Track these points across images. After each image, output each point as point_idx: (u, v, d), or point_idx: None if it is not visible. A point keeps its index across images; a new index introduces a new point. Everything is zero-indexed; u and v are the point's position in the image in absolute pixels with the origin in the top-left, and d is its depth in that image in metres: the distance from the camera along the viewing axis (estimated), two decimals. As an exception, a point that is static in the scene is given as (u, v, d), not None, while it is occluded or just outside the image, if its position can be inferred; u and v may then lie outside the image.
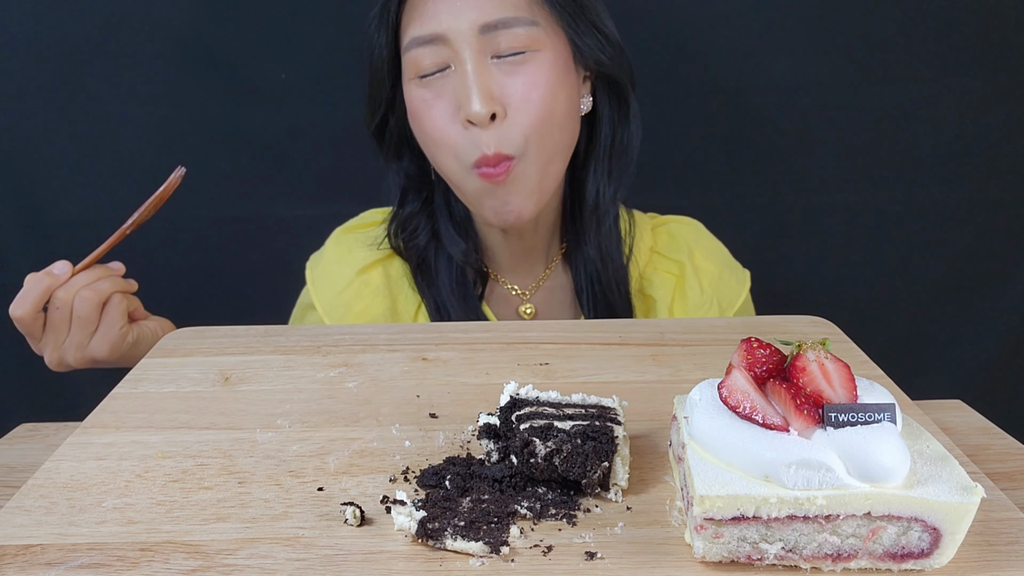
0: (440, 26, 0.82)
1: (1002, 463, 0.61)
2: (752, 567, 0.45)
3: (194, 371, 0.67)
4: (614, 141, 0.93)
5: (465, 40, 0.81)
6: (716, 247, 1.04)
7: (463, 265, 0.95)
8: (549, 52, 0.84)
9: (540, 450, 0.49)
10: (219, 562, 0.45)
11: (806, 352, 0.47)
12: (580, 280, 0.97)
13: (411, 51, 0.84)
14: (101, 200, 1.20)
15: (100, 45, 1.14)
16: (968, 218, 1.30)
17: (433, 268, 0.95)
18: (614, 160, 0.94)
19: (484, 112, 0.80)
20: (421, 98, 0.85)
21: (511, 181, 0.84)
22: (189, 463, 0.54)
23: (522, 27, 0.82)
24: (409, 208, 0.96)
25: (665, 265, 1.00)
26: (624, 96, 0.92)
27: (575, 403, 0.53)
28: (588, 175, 0.94)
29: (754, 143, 1.27)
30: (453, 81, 0.83)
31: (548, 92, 0.83)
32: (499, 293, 0.99)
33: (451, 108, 0.83)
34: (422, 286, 0.95)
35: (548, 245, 0.99)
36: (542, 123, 0.84)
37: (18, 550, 0.46)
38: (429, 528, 0.46)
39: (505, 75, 0.82)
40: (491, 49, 0.82)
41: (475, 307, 0.95)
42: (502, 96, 0.82)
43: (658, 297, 0.98)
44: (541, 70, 0.83)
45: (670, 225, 1.04)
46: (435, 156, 0.88)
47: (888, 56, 1.21)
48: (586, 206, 0.94)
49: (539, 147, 0.84)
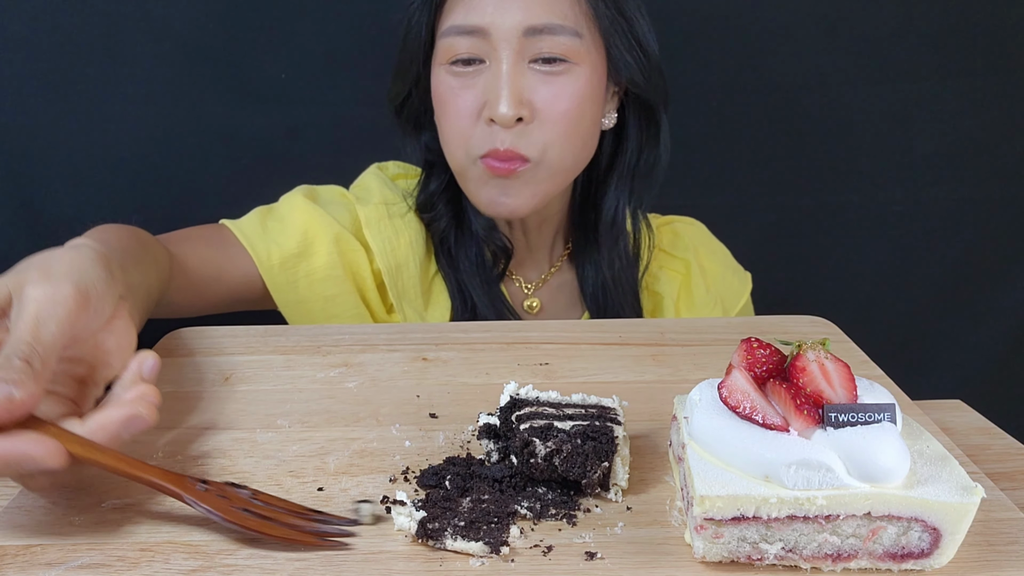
0: (483, 19, 0.80)
1: (1002, 463, 0.61)
2: (752, 567, 0.45)
3: (194, 371, 0.67)
4: (639, 160, 0.92)
5: (506, 39, 0.80)
6: (719, 248, 1.05)
7: (485, 242, 0.94)
8: (586, 67, 0.83)
9: (540, 450, 0.49)
10: (219, 562, 0.45)
11: (806, 352, 0.47)
12: (587, 285, 0.96)
13: (448, 38, 0.83)
14: (101, 200, 1.20)
15: (100, 45, 1.14)
16: (968, 218, 1.30)
17: (455, 249, 0.94)
18: (637, 180, 0.93)
19: (511, 115, 0.79)
20: (448, 86, 0.84)
21: (517, 178, 0.83)
22: (189, 463, 0.54)
23: (566, 36, 0.81)
24: (434, 185, 0.94)
25: (671, 263, 1.00)
26: (655, 118, 0.91)
27: (575, 403, 0.53)
28: (608, 190, 0.93)
29: (754, 143, 1.27)
30: (484, 77, 0.82)
31: (577, 108, 0.82)
32: (507, 284, 0.98)
33: (477, 103, 0.82)
34: (443, 265, 0.94)
35: (552, 245, 0.99)
36: (565, 137, 0.83)
37: (18, 550, 0.46)
38: (429, 528, 0.46)
39: (538, 82, 0.81)
40: (530, 53, 0.81)
41: (495, 287, 0.94)
42: (531, 102, 0.81)
43: (665, 294, 0.98)
44: (575, 85, 0.82)
45: (674, 224, 1.04)
46: (446, 144, 0.87)
47: (888, 56, 1.21)
48: (603, 221, 0.93)
49: (556, 158, 0.84)
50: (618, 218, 0.93)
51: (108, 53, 1.15)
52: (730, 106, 1.24)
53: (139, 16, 1.14)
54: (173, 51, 1.15)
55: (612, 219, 0.93)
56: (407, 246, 0.92)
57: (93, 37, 1.14)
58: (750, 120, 1.26)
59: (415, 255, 0.92)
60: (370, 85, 1.18)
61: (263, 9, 1.15)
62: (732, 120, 1.25)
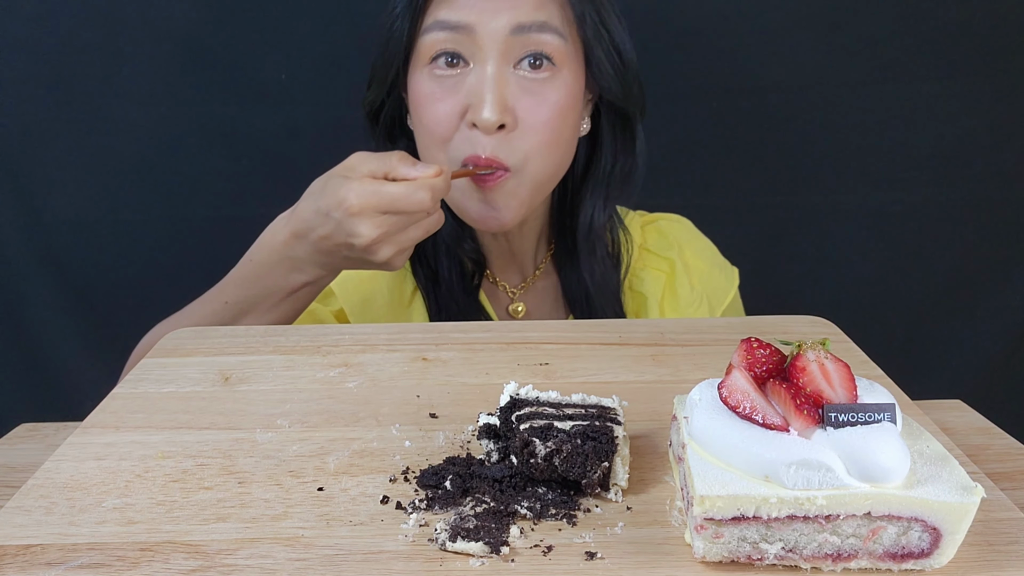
0: (471, 16, 0.79)
1: (1002, 463, 0.61)
2: (752, 567, 0.45)
3: (194, 371, 0.67)
4: (614, 168, 0.92)
5: (493, 38, 0.79)
6: (705, 245, 1.04)
7: (458, 252, 0.94)
8: (568, 73, 0.83)
9: (540, 450, 0.49)
10: (219, 562, 0.45)
11: (806, 352, 0.47)
12: (571, 291, 0.96)
13: (431, 34, 0.82)
14: (101, 200, 1.21)
15: (100, 45, 1.14)
16: (968, 218, 1.30)
17: (432, 260, 0.94)
18: (612, 187, 0.93)
19: (494, 120, 0.79)
20: (429, 90, 0.83)
21: (500, 190, 0.83)
22: (189, 463, 0.54)
23: (552, 36, 0.81)
24: None
25: (655, 263, 0.99)
26: (629, 125, 0.90)
27: (575, 403, 0.53)
28: (584, 198, 0.93)
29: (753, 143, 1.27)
30: (468, 80, 0.81)
31: (559, 116, 0.82)
32: (491, 291, 0.98)
33: (458, 107, 0.82)
34: (421, 279, 0.94)
35: (535, 248, 0.98)
36: (546, 146, 0.83)
37: (18, 550, 0.46)
38: (429, 528, 0.46)
39: (522, 90, 0.81)
40: (515, 55, 0.81)
41: (473, 298, 0.94)
42: (514, 110, 0.81)
43: (648, 294, 0.97)
44: (557, 92, 0.82)
45: (660, 223, 1.04)
46: (425, 148, 0.87)
47: (888, 56, 1.21)
48: (579, 229, 0.93)
49: (537, 167, 0.84)
50: (595, 225, 0.93)
51: (108, 53, 1.15)
52: (729, 106, 1.24)
53: (139, 16, 1.14)
54: (173, 51, 1.16)
55: (589, 226, 0.93)
56: (370, 276, 0.91)
57: (93, 37, 1.14)
58: (750, 120, 1.26)
59: (385, 280, 0.92)
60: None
61: (263, 9, 1.15)
62: (732, 120, 1.25)
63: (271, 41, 1.17)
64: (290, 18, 1.16)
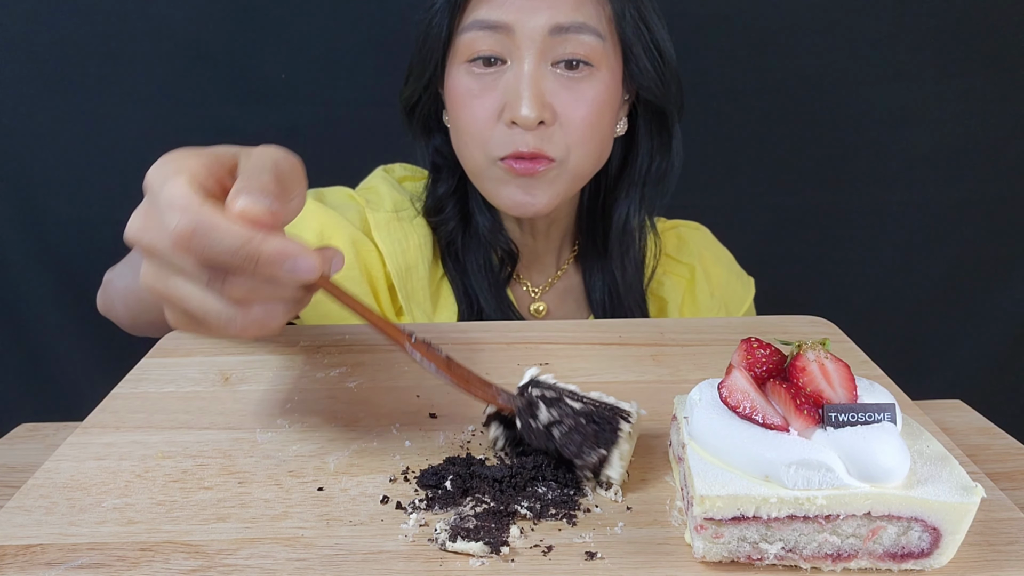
0: (509, 16, 0.79)
1: (1002, 463, 0.61)
2: (752, 567, 0.45)
3: (194, 371, 0.67)
4: (651, 168, 0.92)
5: (531, 37, 0.79)
6: (723, 253, 1.05)
7: (491, 245, 0.93)
8: (606, 72, 0.82)
9: (543, 416, 0.49)
10: (219, 562, 0.45)
11: (806, 352, 0.47)
12: (595, 291, 0.96)
13: (469, 32, 0.82)
14: (101, 200, 1.21)
15: (100, 45, 1.15)
16: (968, 218, 1.30)
17: (462, 252, 0.94)
18: (648, 187, 0.92)
19: (533, 117, 0.79)
20: (467, 87, 0.83)
21: (542, 178, 0.83)
22: (189, 463, 0.54)
23: (590, 36, 0.80)
24: (442, 188, 0.93)
25: (675, 268, 1.00)
26: (666, 125, 0.90)
27: (592, 399, 0.53)
28: (619, 198, 0.93)
29: (754, 143, 1.27)
30: (505, 78, 0.81)
31: (596, 113, 0.82)
32: (514, 289, 0.98)
33: (496, 105, 0.82)
34: (450, 268, 0.94)
35: (560, 248, 0.98)
36: (585, 141, 0.83)
37: (18, 550, 0.46)
38: (429, 528, 0.46)
39: (559, 87, 0.81)
40: (552, 55, 0.80)
41: (502, 290, 0.94)
42: (552, 106, 0.81)
43: (669, 299, 0.98)
44: (595, 89, 0.82)
45: (680, 229, 1.04)
46: (463, 145, 0.86)
47: (888, 56, 1.21)
48: (613, 229, 0.93)
49: (579, 158, 0.84)
50: (629, 225, 0.93)
51: (108, 53, 1.15)
52: (730, 106, 1.25)
53: (139, 16, 1.14)
54: (173, 51, 1.16)
55: (623, 226, 0.93)
56: (416, 249, 0.91)
57: (93, 37, 1.14)
58: (750, 120, 1.26)
59: (423, 258, 0.92)
60: (370, 85, 1.19)
61: (263, 9, 1.15)
62: (732, 120, 1.25)
63: (271, 41, 1.17)
64: (290, 18, 1.16)
